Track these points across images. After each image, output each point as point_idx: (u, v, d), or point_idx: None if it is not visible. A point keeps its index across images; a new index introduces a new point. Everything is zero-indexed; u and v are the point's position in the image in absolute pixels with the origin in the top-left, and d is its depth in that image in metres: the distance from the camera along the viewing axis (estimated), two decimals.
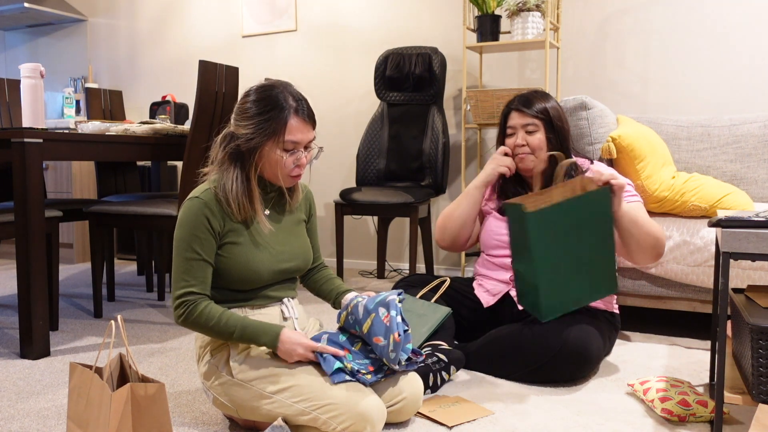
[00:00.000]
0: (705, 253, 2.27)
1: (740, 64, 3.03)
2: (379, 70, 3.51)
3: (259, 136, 1.52)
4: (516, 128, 2.10)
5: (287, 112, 1.52)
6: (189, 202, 1.53)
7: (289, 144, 1.53)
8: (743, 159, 2.67)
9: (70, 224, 4.21)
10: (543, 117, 2.07)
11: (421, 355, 1.65)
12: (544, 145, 2.08)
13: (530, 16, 3.03)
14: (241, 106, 1.56)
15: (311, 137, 1.57)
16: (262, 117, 1.51)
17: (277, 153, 1.53)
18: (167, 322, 2.67)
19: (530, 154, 2.08)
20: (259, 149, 1.53)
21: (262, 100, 1.53)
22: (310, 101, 1.64)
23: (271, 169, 1.55)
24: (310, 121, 1.57)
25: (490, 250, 2.18)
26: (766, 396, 1.36)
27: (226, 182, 1.54)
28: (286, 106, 1.52)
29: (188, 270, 1.51)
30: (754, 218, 1.36)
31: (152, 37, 4.60)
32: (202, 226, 1.51)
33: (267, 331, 1.48)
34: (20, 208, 2.14)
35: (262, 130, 1.51)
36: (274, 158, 1.53)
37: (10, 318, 2.77)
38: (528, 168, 2.11)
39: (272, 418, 1.47)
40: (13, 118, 3.30)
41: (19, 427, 1.62)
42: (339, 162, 4.01)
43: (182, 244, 1.52)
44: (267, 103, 1.52)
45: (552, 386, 1.87)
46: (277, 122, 1.51)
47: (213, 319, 1.48)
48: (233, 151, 1.55)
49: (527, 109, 2.07)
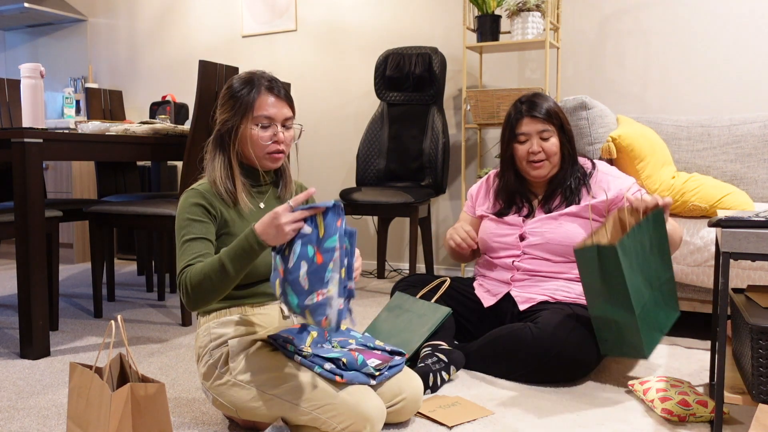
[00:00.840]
0: (705, 253, 2.27)
1: (740, 64, 3.03)
2: (379, 70, 3.51)
3: (233, 117, 1.57)
4: (530, 135, 2.06)
5: (257, 88, 1.57)
6: (185, 193, 1.58)
7: (262, 119, 1.57)
8: (743, 159, 2.67)
9: (70, 224, 4.21)
10: (555, 121, 2.06)
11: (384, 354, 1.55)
12: (557, 150, 2.07)
13: (530, 16, 3.03)
14: (221, 96, 1.63)
15: (287, 114, 1.61)
16: (235, 98, 1.57)
17: (252, 129, 1.57)
18: (167, 322, 2.67)
19: (545, 160, 2.06)
20: (235, 129, 1.57)
21: (234, 84, 1.60)
22: (310, 101, 1.67)
23: (250, 148, 1.58)
24: (285, 99, 1.61)
25: (490, 252, 2.18)
26: (766, 396, 1.36)
27: (214, 171, 1.59)
28: (257, 84, 1.58)
29: (186, 250, 1.51)
30: (754, 218, 1.36)
31: (152, 37, 4.60)
32: (197, 211, 1.54)
33: (243, 237, 1.39)
34: (20, 208, 2.14)
35: (235, 110, 1.57)
36: (249, 136, 1.57)
37: (10, 318, 2.77)
38: (542, 176, 2.09)
39: (272, 418, 1.47)
40: (13, 118, 3.30)
41: (19, 427, 1.62)
42: (339, 162, 4.01)
43: (180, 230, 1.53)
44: (238, 86, 1.59)
45: (552, 386, 1.87)
46: (248, 98, 1.56)
47: (201, 271, 1.42)
48: (217, 140, 1.61)
49: (539, 113, 2.05)
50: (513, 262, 2.10)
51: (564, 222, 2.05)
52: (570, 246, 2.02)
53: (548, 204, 2.11)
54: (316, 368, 1.45)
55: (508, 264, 2.11)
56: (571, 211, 2.06)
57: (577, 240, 2.02)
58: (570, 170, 2.09)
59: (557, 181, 2.11)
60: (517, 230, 2.11)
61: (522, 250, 2.09)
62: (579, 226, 2.04)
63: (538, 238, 2.06)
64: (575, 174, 2.10)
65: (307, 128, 4.03)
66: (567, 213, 2.06)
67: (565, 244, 2.03)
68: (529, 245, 2.07)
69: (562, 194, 2.09)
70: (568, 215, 2.06)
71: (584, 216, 2.06)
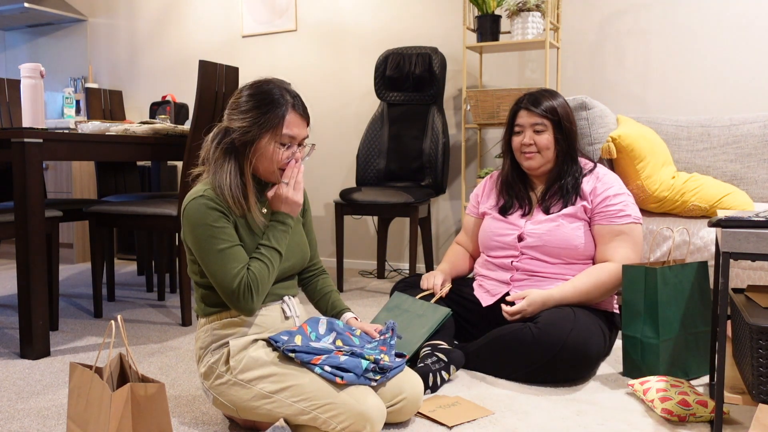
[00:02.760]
0: (705, 253, 2.27)
1: (740, 64, 3.03)
2: (379, 70, 3.51)
3: (256, 129, 1.52)
4: (524, 127, 2.10)
5: (285, 105, 1.54)
6: (194, 202, 1.50)
7: (287, 138, 1.54)
8: (743, 159, 2.67)
9: (70, 224, 4.21)
10: (552, 117, 2.07)
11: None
12: (551, 145, 2.08)
13: (530, 16, 3.03)
14: (236, 101, 1.57)
15: (306, 134, 1.60)
16: (260, 110, 1.52)
17: (274, 147, 1.54)
18: (167, 322, 2.67)
19: (537, 153, 2.09)
20: (255, 143, 1.53)
21: (259, 94, 1.54)
22: (310, 101, 1.67)
23: (266, 163, 1.55)
24: (306, 117, 1.59)
25: (489, 251, 2.18)
26: (766, 396, 1.36)
27: (221, 177, 1.52)
28: (284, 101, 1.54)
29: (228, 258, 1.48)
30: (754, 218, 1.35)
31: (152, 37, 4.60)
32: (218, 218, 1.50)
33: (274, 222, 1.59)
34: (20, 208, 2.14)
35: (259, 124, 1.52)
36: (269, 152, 1.54)
37: (10, 318, 2.77)
38: (534, 167, 2.11)
39: (272, 417, 1.47)
40: (13, 118, 3.30)
41: (19, 427, 1.62)
42: (339, 162, 4.01)
43: (208, 241, 1.48)
44: (264, 97, 1.54)
45: (552, 386, 1.87)
46: (275, 115, 1.52)
47: (262, 268, 1.52)
48: (228, 146, 1.55)
49: (536, 108, 2.08)
50: (512, 263, 2.10)
51: (563, 223, 2.05)
52: (567, 249, 2.03)
53: (546, 202, 2.11)
54: (317, 369, 1.45)
55: (506, 264, 2.11)
56: (569, 212, 2.06)
57: (574, 243, 2.03)
58: (567, 168, 2.10)
59: (552, 177, 2.12)
60: (516, 230, 2.11)
61: (520, 250, 2.09)
62: (577, 228, 2.05)
63: (536, 239, 2.06)
64: (572, 173, 2.10)
65: None
66: (565, 214, 2.06)
67: (562, 247, 2.03)
68: (526, 246, 2.07)
69: (559, 192, 2.10)
70: (567, 216, 2.06)
71: (581, 218, 2.06)
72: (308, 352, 1.48)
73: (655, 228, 2.39)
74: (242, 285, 1.48)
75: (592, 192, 2.07)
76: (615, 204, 2.04)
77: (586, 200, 2.07)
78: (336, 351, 1.51)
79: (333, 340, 1.58)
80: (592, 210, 2.07)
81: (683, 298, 1.87)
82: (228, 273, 1.48)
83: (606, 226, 2.04)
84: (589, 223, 2.07)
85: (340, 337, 1.59)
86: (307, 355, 1.47)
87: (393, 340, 1.63)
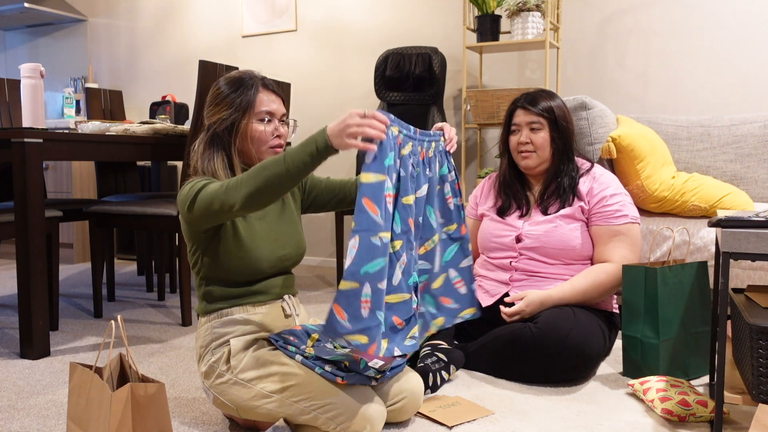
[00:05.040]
0: (705, 253, 2.27)
1: (740, 64, 3.03)
2: (379, 70, 3.51)
3: (234, 113, 1.57)
4: (521, 125, 2.11)
5: (255, 85, 1.59)
6: (185, 185, 1.50)
7: (264, 113, 1.58)
8: (743, 159, 2.67)
9: (70, 224, 4.21)
10: (548, 116, 2.08)
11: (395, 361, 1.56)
12: (547, 144, 2.08)
13: (530, 16, 3.03)
14: (210, 98, 1.62)
15: (283, 110, 1.64)
16: (233, 95, 1.58)
17: (255, 125, 1.58)
18: (167, 322, 2.67)
19: (533, 152, 2.09)
20: (236, 126, 1.57)
21: (228, 83, 1.60)
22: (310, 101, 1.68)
23: (251, 143, 1.58)
24: (279, 94, 1.64)
25: (488, 252, 2.18)
26: (766, 396, 1.36)
27: (211, 163, 1.56)
28: (253, 82, 1.60)
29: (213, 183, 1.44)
30: (754, 218, 1.36)
31: (152, 37, 4.60)
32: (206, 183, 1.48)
33: (311, 138, 1.35)
34: (20, 208, 2.14)
35: (235, 107, 1.57)
36: (252, 131, 1.58)
37: (10, 318, 2.77)
38: (530, 166, 2.12)
39: (272, 417, 1.47)
40: (13, 118, 3.30)
41: (19, 426, 1.62)
42: (339, 162, 4.01)
43: (193, 189, 1.45)
44: (234, 83, 1.60)
45: (552, 386, 1.87)
46: (249, 95, 1.57)
47: (250, 171, 1.37)
48: (211, 138, 1.59)
49: (533, 107, 2.08)
50: (510, 263, 2.10)
51: (560, 224, 2.05)
52: (564, 250, 2.03)
53: (544, 202, 2.11)
54: (317, 369, 1.46)
55: (505, 265, 2.11)
56: (567, 213, 2.06)
57: (572, 244, 2.03)
58: (563, 167, 2.10)
59: (549, 177, 2.13)
60: (514, 231, 2.11)
61: (518, 251, 2.09)
62: (575, 229, 2.05)
63: (534, 241, 2.06)
64: (569, 172, 2.10)
65: (307, 128, 4.03)
66: (562, 215, 2.07)
67: (560, 248, 2.04)
68: (525, 247, 2.07)
69: (556, 192, 2.10)
70: (564, 217, 2.06)
71: (579, 218, 2.06)
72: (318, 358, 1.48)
73: (655, 228, 2.39)
74: (230, 181, 1.39)
75: (588, 192, 2.08)
76: (612, 204, 2.04)
77: (583, 201, 2.07)
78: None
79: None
80: (589, 211, 2.07)
81: (683, 298, 1.87)
82: (213, 186, 1.42)
83: (603, 227, 2.04)
84: (586, 223, 2.08)
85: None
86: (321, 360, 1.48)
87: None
